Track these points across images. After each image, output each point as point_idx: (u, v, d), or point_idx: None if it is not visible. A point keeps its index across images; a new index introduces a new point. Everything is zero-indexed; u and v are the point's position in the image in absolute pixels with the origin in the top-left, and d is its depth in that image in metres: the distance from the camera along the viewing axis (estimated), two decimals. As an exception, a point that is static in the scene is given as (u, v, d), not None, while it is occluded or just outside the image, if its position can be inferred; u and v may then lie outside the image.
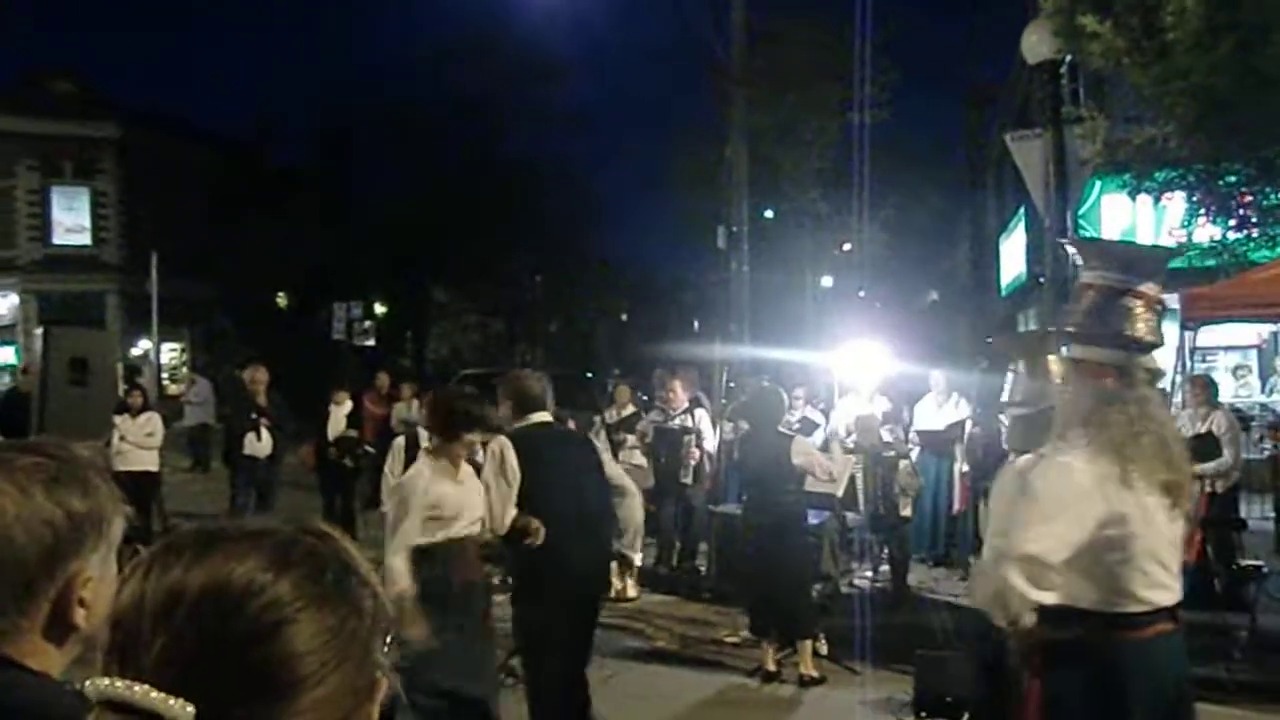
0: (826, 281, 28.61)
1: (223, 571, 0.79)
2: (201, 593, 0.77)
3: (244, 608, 0.77)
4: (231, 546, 0.80)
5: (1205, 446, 7.00)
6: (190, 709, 0.74)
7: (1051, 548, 2.60)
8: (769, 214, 23.50)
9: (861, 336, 9.69)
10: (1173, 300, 7.71)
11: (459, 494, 4.21)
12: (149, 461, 9.83)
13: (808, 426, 8.78)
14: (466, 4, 52.25)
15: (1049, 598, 2.61)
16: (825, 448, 7.38)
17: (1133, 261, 2.86)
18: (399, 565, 3.97)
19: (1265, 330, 13.25)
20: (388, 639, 0.85)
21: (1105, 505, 2.64)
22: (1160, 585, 2.70)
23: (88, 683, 0.77)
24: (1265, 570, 6.69)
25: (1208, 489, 7.01)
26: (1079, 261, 3.01)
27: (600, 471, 4.72)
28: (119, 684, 0.75)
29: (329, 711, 0.79)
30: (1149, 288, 2.77)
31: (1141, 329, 2.74)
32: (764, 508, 6.20)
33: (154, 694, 0.74)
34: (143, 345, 24.23)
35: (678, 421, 8.79)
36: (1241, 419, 8.72)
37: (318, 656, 0.78)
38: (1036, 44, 9.86)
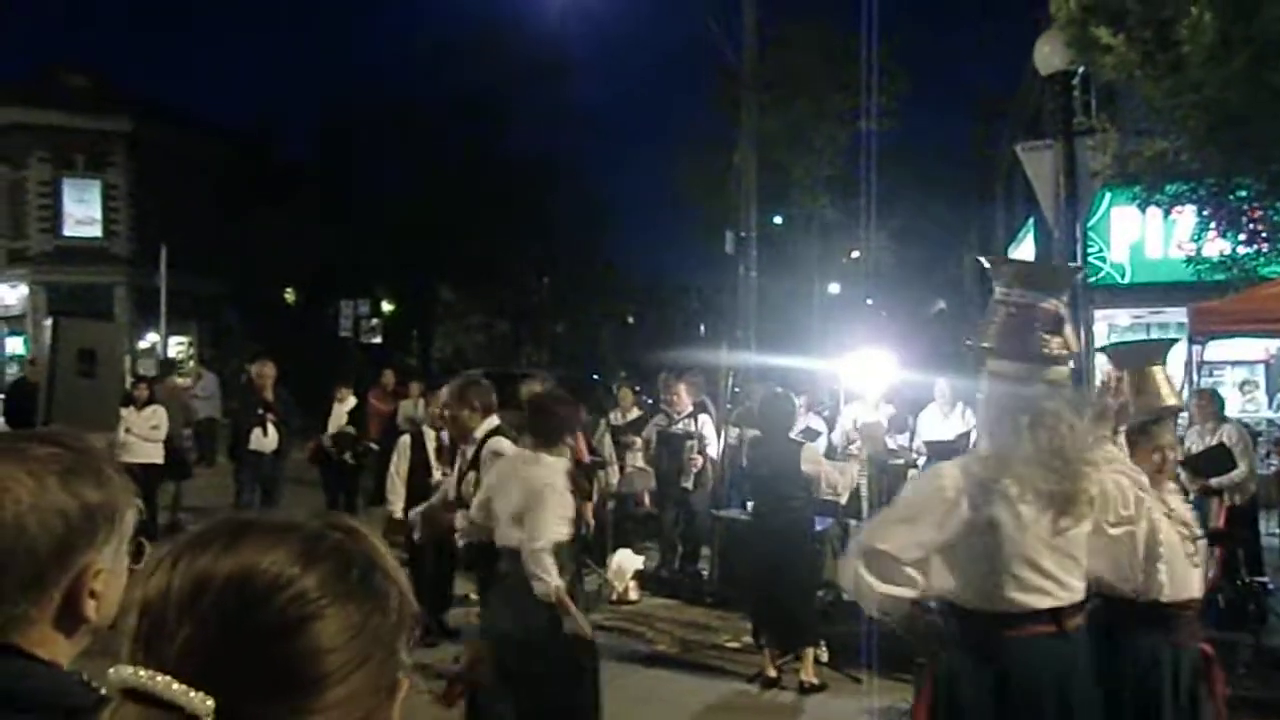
0: (834, 289, 28.57)
1: (250, 563, 0.78)
2: (227, 583, 0.77)
3: (270, 600, 0.77)
4: (260, 539, 0.80)
5: (1217, 459, 6.97)
6: (210, 703, 0.73)
7: (903, 547, 2.81)
8: (778, 220, 23.48)
9: (868, 344, 9.67)
10: (1181, 314, 7.71)
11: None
12: (153, 454, 9.88)
13: (810, 435, 8.76)
14: (475, 1, 52.35)
15: (900, 592, 2.82)
16: (830, 455, 7.37)
17: (1039, 279, 3.06)
18: (551, 561, 4.01)
19: (1273, 345, 13.20)
20: (412, 638, 0.85)
21: (971, 511, 2.79)
22: (1036, 589, 2.81)
23: (111, 670, 0.77)
24: (1270, 586, 6.67)
25: (1227, 502, 6.99)
26: (993, 280, 3.17)
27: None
28: (141, 673, 0.75)
29: (351, 710, 0.78)
30: (1051, 304, 2.96)
31: (1050, 343, 2.91)
32: (772, 513, 6.20)
33: (175, 685, 0.74)
34: (150, 338, 24.31)
35: (680, 426, 8.78)
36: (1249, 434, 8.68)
37: (342, 654, 0.78)
38: (1049, 55, 9.84)
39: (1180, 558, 3.06)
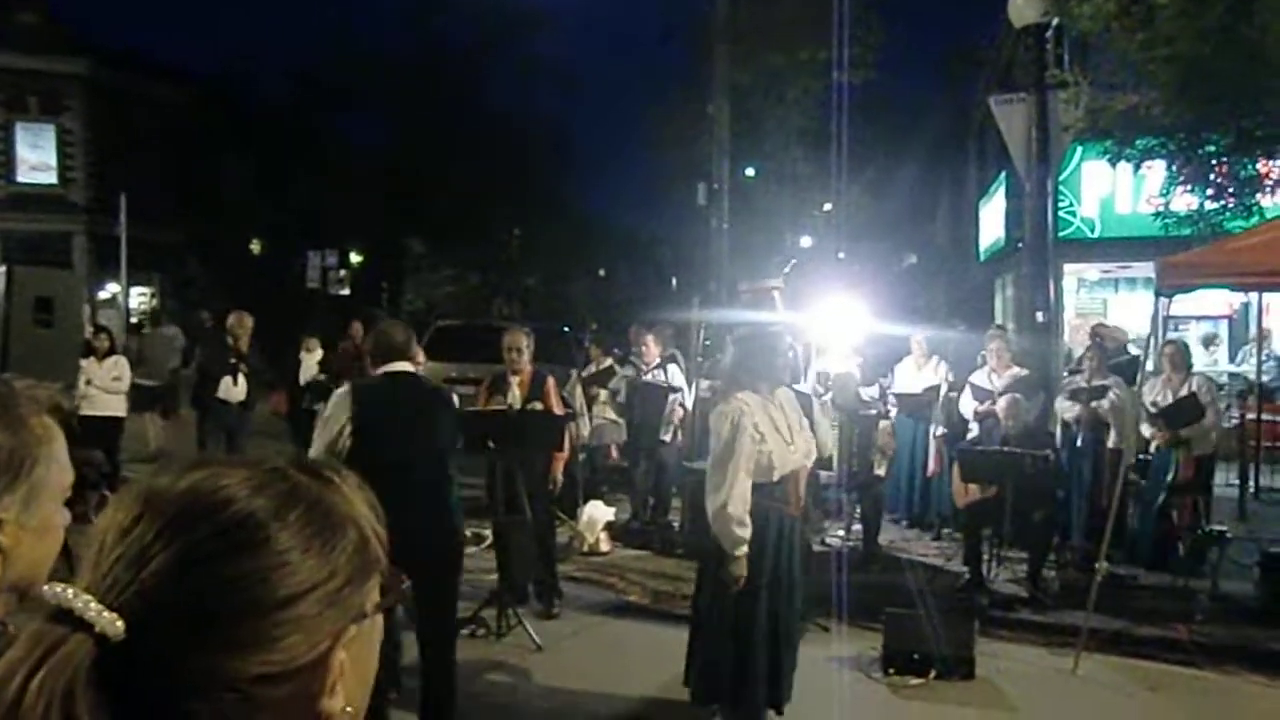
0: (806, 242, 28.54)
1: (198, 482, 0.74)
2: (172, 500, 0.73)
3: (212, 517, 0.73)
4: (215, 466, 0.77)
5: (1187, 409, 7.03)
6: (120, 624, 0.69)
7: None
8: (750, 172, 23.33)
9: (839, 296, 9.67)
10: (1149, 269, 7.76)
11: None
12: (115, 406, 9.70)
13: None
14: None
15: None
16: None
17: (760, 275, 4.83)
18: None
19: (1236, 300, 13.36)
20: (369, 586, 0.79)
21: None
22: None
23: (45, 587, 0.72)
24: (1229, 536, 6.80)
25: (1195, 452, 7.07)
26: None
27: (443, 426, 4.42)
28: (59, 590, 0.70)
29: (276, 651, 0.72)
30: (770, 282, 4.83)
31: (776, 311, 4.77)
32: None
33: (91, 604, 0.69)
34: (110, 289, 23.86)
35: (650, 377, 8.75)
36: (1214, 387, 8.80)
37: (277, 588, 0.72)
38: (1023, 7, 9.76)
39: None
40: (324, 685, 0.75)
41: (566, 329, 17.46)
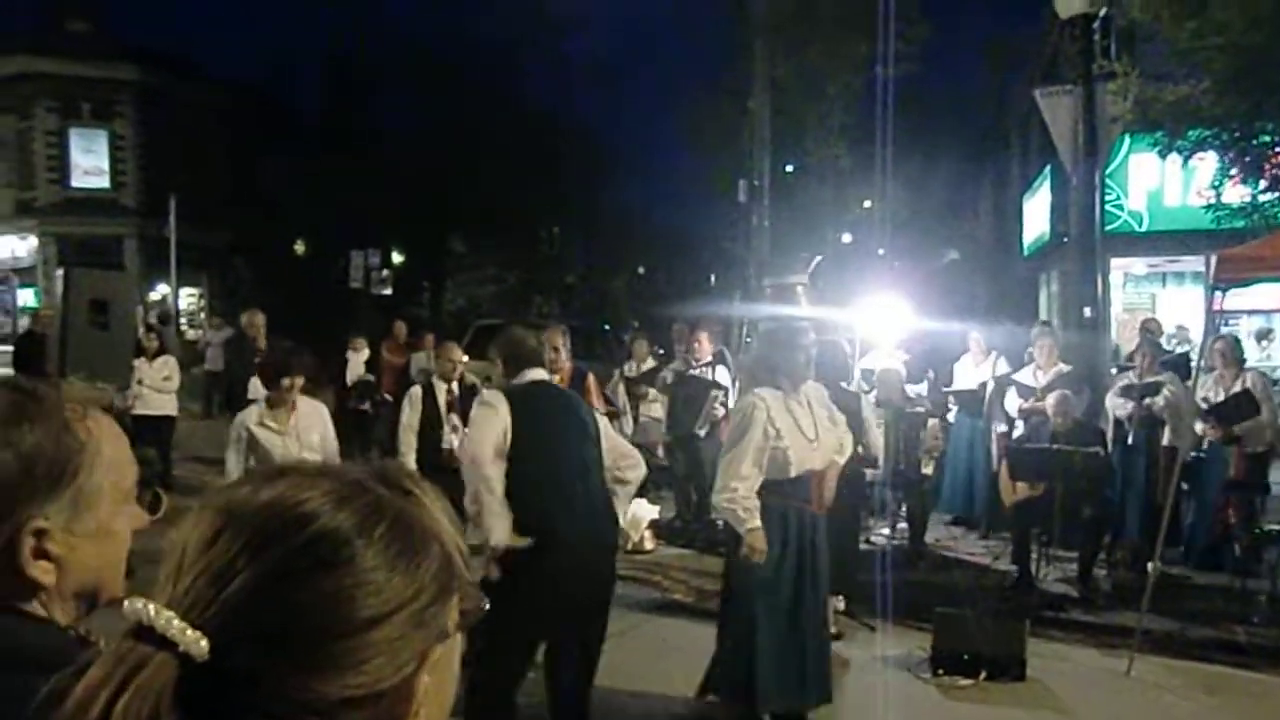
0: (846, 238, 28.30)
1: (280, 496, 0.72)
2: (254, 514, 0.71)
3: (296, 534, 0.70)
4: (296, 478, 0.74)
5: (1242, 406, 6.89)
6: (205, 643, 0.67)
7: None
8: (790, 169, 23.21)
9: (881, 294, 9.60)
10: (1197, 263, 7.62)
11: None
12: (167, 405, 9.87)
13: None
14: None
15: None
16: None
17: (786, 269, 4.86)
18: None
19: (1290, 293, 13.05)
20: (452, 604, 0.76)
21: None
22: None
23: (125, 602, 0.71)
24: (1289, 535, 6.65)
25: (1247, 449, 6.93)
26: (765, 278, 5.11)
27: (595, 437, 4.18)
28: (141, 606, 0.68)
29: (360, 676, 0.69)
30: (794, 278, 4.90)
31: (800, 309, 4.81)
32: None
33: (175, 621, 0.67)
34: (161, 290, 24.32)
35: (699, 373, 8.72)
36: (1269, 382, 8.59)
37: (361, 609, 0.70)
38: (1069, -3, 9.61)
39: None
40: (408, 709, 0.72)
41: (607, 327, 17.50)
